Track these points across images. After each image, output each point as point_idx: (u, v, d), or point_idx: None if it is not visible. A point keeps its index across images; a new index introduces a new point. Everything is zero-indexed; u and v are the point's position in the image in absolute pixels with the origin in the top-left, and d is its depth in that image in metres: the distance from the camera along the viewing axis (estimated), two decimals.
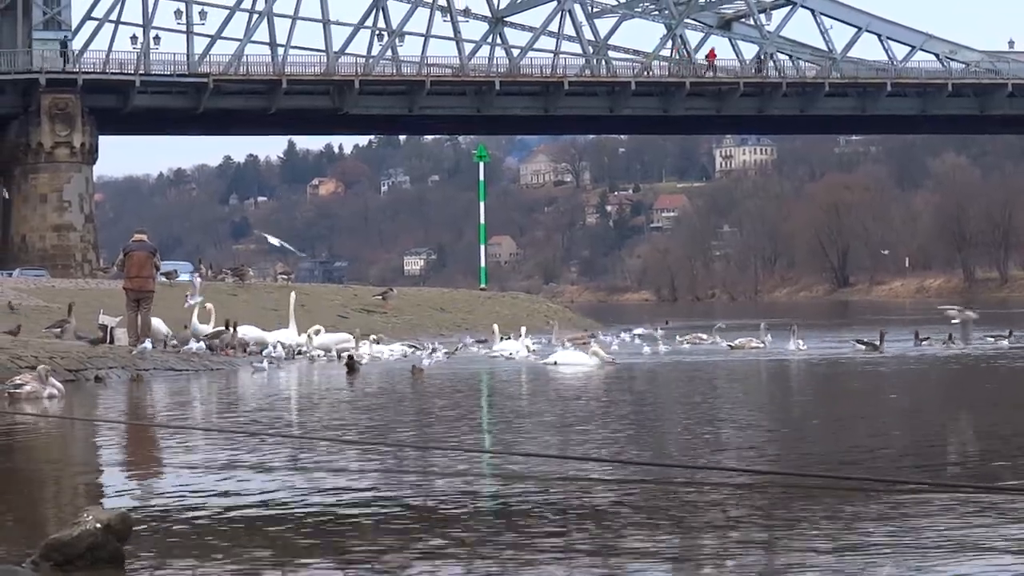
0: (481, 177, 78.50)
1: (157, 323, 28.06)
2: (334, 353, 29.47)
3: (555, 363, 27.14)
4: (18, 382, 18.35)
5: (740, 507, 9.30)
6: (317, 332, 30.65)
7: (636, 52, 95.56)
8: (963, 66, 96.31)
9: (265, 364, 26.47)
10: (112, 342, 27.23)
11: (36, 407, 17.30)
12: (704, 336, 36.47)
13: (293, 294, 32.00)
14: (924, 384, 23.29)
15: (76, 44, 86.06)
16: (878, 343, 32.01)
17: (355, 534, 8.49)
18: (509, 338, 33.77)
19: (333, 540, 8.27)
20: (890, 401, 19.30)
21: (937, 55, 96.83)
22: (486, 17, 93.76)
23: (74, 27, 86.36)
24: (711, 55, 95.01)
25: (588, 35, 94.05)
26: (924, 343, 33.76)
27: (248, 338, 30.26)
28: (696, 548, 7.96)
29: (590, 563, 7.58)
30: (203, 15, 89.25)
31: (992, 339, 34.33)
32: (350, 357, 26.44)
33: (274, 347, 29.30)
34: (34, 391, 18.11)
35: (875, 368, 25.90)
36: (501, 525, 8.74)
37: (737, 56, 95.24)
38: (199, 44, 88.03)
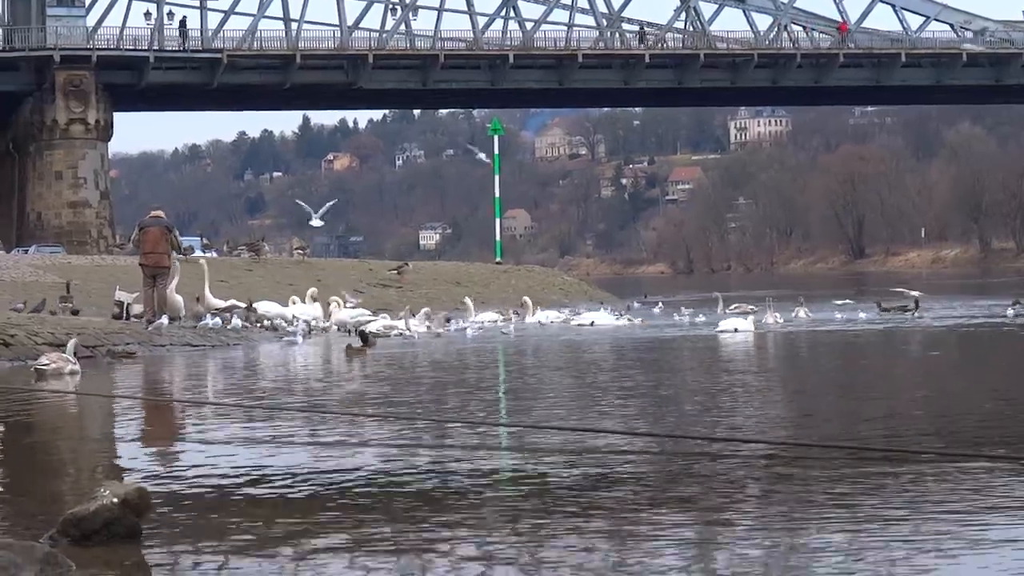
0: (496, 151, 78.44)
1: (179, 300, 28.18)
2: (350, 328, 29.52)
3: (735, 330, 27.90)
4: (45, 361, 18.83)
5: None
6: (338, 303, 30.81)
7: (649, 24, 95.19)
8: (978, 35, 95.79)
9: (299, 338, 26.90)
10: (128, 317, 27.51)
11: (59, 383, 17.64)
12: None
13: (311, 290, 32.04)
14: None
15: (90, 20, 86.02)
16: (913, 308, 32.41)
17: (377, 508, 8.49)
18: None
19: (353, 515, 8.28)
20: None
21: (952, 25, 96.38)
22: None
23: (88, 3, 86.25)
24: (843, 27, 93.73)
25: (601, 7, 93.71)
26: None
27: (269, 313, 30.44)
28: None
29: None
30: None
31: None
32: (362, 331, 26.47)
33: (295, 321, 29.47)
34: (58, 368, 18.61)
35: None
36: None
37: (751, 27, 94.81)
38: (213, 19, 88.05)
